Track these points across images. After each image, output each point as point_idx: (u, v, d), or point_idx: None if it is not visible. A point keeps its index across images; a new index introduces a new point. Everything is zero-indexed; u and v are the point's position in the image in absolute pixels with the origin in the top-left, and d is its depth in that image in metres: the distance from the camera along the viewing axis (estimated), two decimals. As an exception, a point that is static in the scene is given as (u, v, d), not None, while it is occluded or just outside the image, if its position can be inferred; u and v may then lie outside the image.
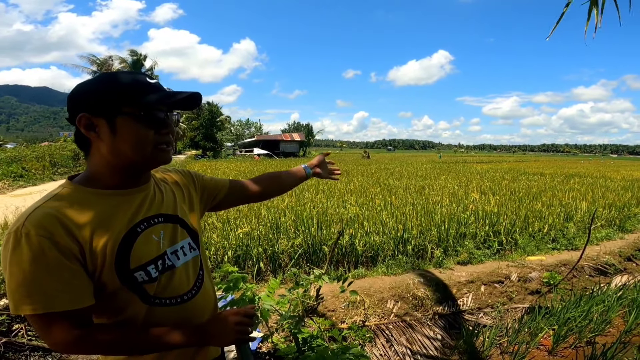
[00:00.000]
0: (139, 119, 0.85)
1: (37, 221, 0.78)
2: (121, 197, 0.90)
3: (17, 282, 0.77)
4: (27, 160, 15.75)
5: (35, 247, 0.77)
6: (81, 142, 0.89)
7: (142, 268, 0.89)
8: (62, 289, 0.79)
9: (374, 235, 4.98)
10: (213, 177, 1.24)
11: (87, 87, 0.86)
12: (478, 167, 21.89)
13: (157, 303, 0.93)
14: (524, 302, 4.06)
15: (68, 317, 0.81)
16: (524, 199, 8.04)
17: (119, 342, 0.87)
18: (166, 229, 0.97)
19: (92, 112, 0.84)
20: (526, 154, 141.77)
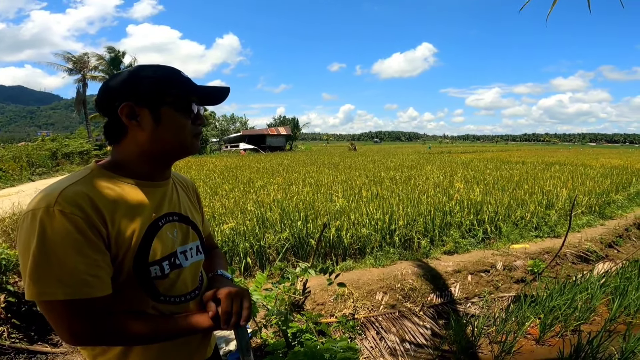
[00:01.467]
0: (179, 109, 0.90)
1: (71, 199, 0.76)
2: (146, 188, 0.92)
3: (48, 264, 0.73)
4: (3, 161, 15.23)
5: (72, 226, 0.74)
6: (113, 130, 0.89)
7: (158, 263, 0.90)
8: (93, 272, 0.77)
9: (360, 227, 4.98)
10: (204, 214, 1.23)
11: (126, 77, 0.88)
12: (462, 157, 22.19)
13: (162, 300, 0.92)
14: (510, 291, 4.12)
15: (93, 305, 0.78)
16: (507, 187, 8.18)
17: (140, 331, 0.84)
18: (180, 228, 0.99)
19: (135, 101, 0.85)
20: (508, 144, 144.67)
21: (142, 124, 0.87)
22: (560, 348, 2.98)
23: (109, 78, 0.91)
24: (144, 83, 0.87)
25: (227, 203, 6.52)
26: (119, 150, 0.90)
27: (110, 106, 0.87)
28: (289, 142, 49.88)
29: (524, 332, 3.27)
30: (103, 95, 0.89)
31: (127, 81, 0.87)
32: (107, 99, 0.88)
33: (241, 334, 0.99)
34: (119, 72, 0.93)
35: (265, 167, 15.37)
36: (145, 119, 0.87)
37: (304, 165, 16.57)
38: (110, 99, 0.87)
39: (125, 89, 0.87)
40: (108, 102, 0.88)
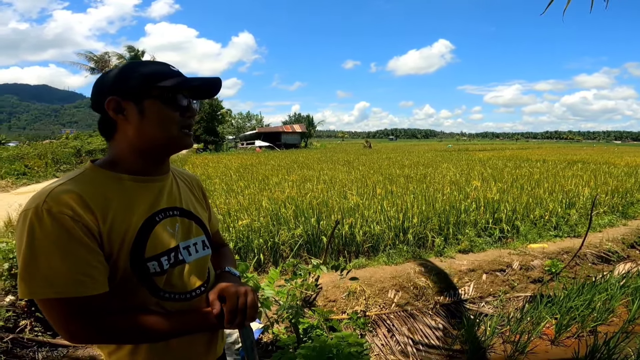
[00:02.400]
0: (165, 102, 0.88)
1: (59, 198, 0.76)
2: (142, 183, 0.91)
3: (37, 263, 0.73)
4: (29, 158, 15.81)
5: (58, 225, 0.74)
6: (106, 126, 0.90)
7: (156, 258, 0.88)
8: (85, 272, 0.76)
9: (374, 225, 4.96)
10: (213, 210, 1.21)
11: (115, 73, 0.88)
12: (480, 155, 21.76)
13: (166, 297, 0.91)
14: (526, 291, 4.04)
15: (89, 303, 0.77)
16: (526, 186, 7.98)
17: (141, 328, 0.83)
18: (182, 223, 0.97)
19: (121, 96, 0.85)
20: (529, 142, 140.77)
21: (129, 118, 0.86)
22: (576, 349, 2.93)
23: (100, 76, 0.92)
24: (131, 77, 0.87)
25: (242, 200, 6.60)
26: (113, 146, 0.90)
27: (100, 102, 0.88)
28: (303, 140, 50.03)
29: (539, 332, 3.21)
30: (93, 91, 0.90)
31: (115, 77, 0.88)
32: (96, 95, 0.89)
33: (246, 334, 0.97)
34: (110, 69, 0.93)
35: (280, 165, 15.47)
36: (131, 113, 0.86)
37: (319, 162, 16.59)
38: (100, 95, 0.88)
39: (113, 84, 0.87)
40: (97, 98, 0.88)
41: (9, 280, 3.00)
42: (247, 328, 0.97)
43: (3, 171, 12.95)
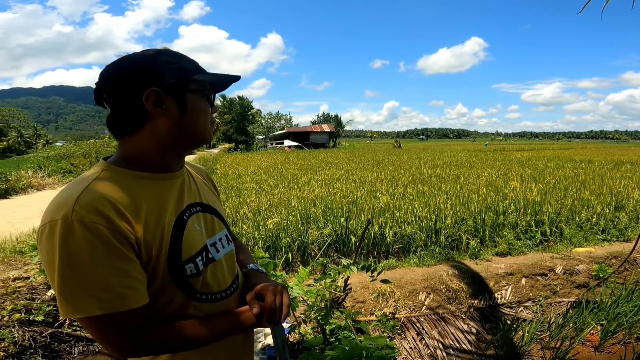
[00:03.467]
0: (203, 96, 0.85)
1: (89, 206, 0.69)
2: (164, 181, 0.85)
3: (77, 279, 0.67)
4: (74, 157, 16.81)
5: (93, 236, 0.67)
6: (128, 120, 0.80)
7: (192, 260, 0.83)
8: (126, 284, 0.71)
9: (405, 225, 4.83)
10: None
11: (151, 63, 0.79)
12: (518, 155, 20.77)
13: (203, 299, 0.87)
14: (570, 296, 3.78)
15: (132, 317, 0.72)
16: (570, 187, 7.50)
17: (185, 337, 0.79)
18: (205, 219, 0.92)
19: (162, 88, 0.78)
20: (572, 141, 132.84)
21: (167, 112, 0.79)
22: (622, 355, 2.78)
23: (117, 63, 0.80)
24: (169, 68, 0.80)
25: (272, 198, 6.64)
26: (134, 142, 0.81)
27: (129, 93, 0.78)
28: (332, 139, 50.06)
29: (582, 339, 3.06)
30: (118, 80, 0.79)
31: (150, 65, 0.79)
32: (124, 85, 0.78)
33: (278, 332, 0.95)
34: (126, 56, 0.82)
35: (309, 164, 15.51)
36: (171, 107, 0.80)
37: (348, 162, 16.49)
38: (130, 85, 0.77)
39: (150, 73, 0.78)
40: (126, 89, 0.78)
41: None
42: (279, 326, 0.95)
43: (50, 169, 13.85)
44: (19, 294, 2.94)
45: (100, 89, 0.81)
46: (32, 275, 3.25)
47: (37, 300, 2.93)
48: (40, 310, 2.80)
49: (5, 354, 2.32)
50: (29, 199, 9.33)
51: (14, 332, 2.47)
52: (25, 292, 2.98)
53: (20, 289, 3.01)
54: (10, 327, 2.50)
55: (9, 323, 2.55)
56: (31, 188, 10.71)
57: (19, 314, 2.65)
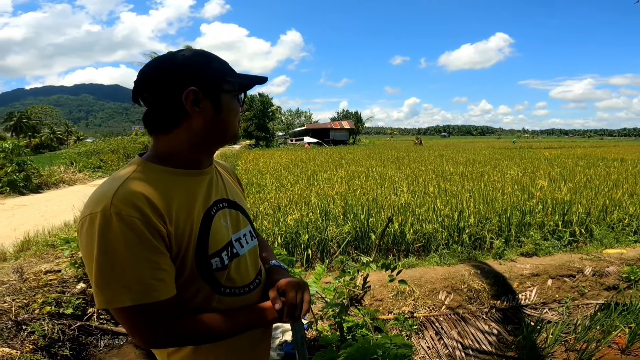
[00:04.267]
0: (235, 96, 0.89)
1: (127, 199, 0.72)
2: (194, 177, 0.88)
3: (112, 271, 0.70)
4: (103, 153, 17.47)
5: (129, 229, 0.71)
6: (164, 118, 0.82)
7: (218, 254, 0.86)
8: (157, 276, 0.74)
9: (426, 223, 4.75)
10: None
11: (190, 62, 0.82)
12: (546, 153, 20.01)
13: (227, 293, 0.89)
14: (598, 298, 3.63)
15: (160, 308, 0.75)
16: (602, 186, 7.16)
17: (209, 329, 0.82)
18: (231, 215, 0.95)
19: (201, 88, 0.81)
20: (604, 139, 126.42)
21: (204, 111, 0.83)
22: None
23: (157, 62, 0.83)
24: (206, 69, 0.83)
25: (292, 195, 6.68)
26: (169, 139, 0.84)
27: (168, 92, 0.80)
28: (352, 136, 49.80)
29: (608, 341, 2.97)
30: (159, 79, 0.81)
31: (188, 66, 0.82)
32: (165, 84, 0.81)
33: (298, 327, 0.96)
34: (165, 55, 0.85)
35: (328, 161, 15.50)
36: (207, 106, 0.83)
37: (368, 159, 16.37)
38: (171, 84, 0.80)
39: (189, 73, 0.81)
40: (166, 88, 0.80)
41: (81, 268, 3.22)
42: (299, 322, 0.96)
43: (81, 165, 14.44)
44: (50, 287, 3.04)
45: (140, 86, 0.83)
46: (63, 268, 3.36)
47: (67, 293, 3.02)
48: (70, 303, 2.88)
49: (35, 346, 2.38)
50: (60, 193, 9.75)
51: (44, 325, 2.55)
52: (56, 285, 3.08)
53: (52, 282, 3.12)
54: (41, 320, 2.58)
55: (39, 316, 2.63)
56: (63, 183, 11.20)
57: (49, 307, 2.74)
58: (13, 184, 9.28)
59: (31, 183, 9.87)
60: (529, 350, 2.89)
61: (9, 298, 2.73)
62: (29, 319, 2.53)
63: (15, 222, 6.21)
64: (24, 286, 2.97)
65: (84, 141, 35.99)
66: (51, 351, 2.46)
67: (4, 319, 2.46)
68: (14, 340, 2.34)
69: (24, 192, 9.44)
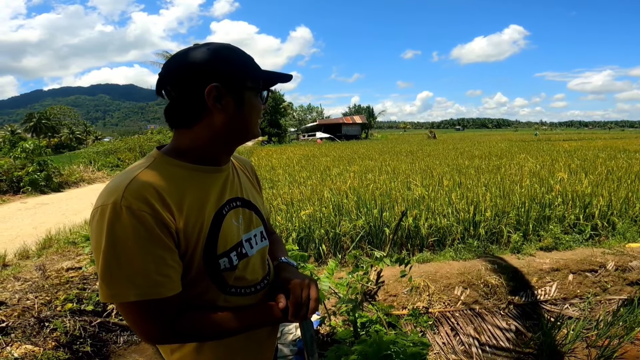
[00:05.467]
0: (258, 94, 0.87)
1: (138, 193, 0.71)
2: (210, 174, 0.87)
3: (119, 264, 0.70)
4: (121, 152, 17.84)
5: (138, 223, 0.70)
6: (185, 113, 0.82)
7: (227, 254, 0.85)
8: (163, 272, 0.73)
9: (440, 218, 4.67)
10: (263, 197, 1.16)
11: (215, 57, 0.81)
12: (566, 145, 19.44)
13: (233, 292, 0.88)
14: (621, 294, 3.52)
15: (165, 305, 0.74)
16: (624, 178, 6.91)
17: (213, 327, 0.81)
18: (244, 214, 0.94)
19: (223, 84, 0.80)
20: (625, 130, 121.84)
21: (226, 108, 0.81)
22: None
23: (182, 56, 0.82)
24: (230, 65, 0.82)
25: (305, 190, 6.68)
26: (189, 135, 0.83)
27: (191, 87, 0.79)
28: (364, 131, 49.49)
29: (631, 337, 2.87)
30: (182, 74, 0.80)
31: (212, 61, 0.80)
32: (188, 79, 0.79)
33: (306, 327, 0.94)
34: (190, 49, 0.83)
35: (341, 156, 15.43)
36: (229, 103, 0.81)
37: (381, 153, 16.23)
38: (194, 79, 0.79)
39: (213, 69, 0.80)
40: (189, 82, 0.79)
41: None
42: (307, 321, 0.94)
43: (100, 163, 14.78)
44: (72, 284, 3.11)
45: (164, 80, 0.82)
46: (84, 265, 3.43)
47: (88, 290, 3.07)
48: (91, 300, 2.94)
49: (57, 343, 2.42)
50: (80, 192, 10.01)
51: (66, 322, 2.60)
52: (77, 282, 3.15)
53: (73, 279, 3.19)
54: (63, 317, 2.63)
55: (61, 313, 2.68)
56: (83, 182, 11.49)
57: (71, 304, 2.79)
58: (34, 183, 9.51)
59: (52, 182, 10.10)
60: (548, 347, 2.82)
61: (31, 295, 2.80)
62: (51, 316, 2.58)
63: (37, 220, 6.38)
64: (46, 283, 3.04)
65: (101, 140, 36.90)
66: (73, 348, 2.49)
67: (27, 316, 2.52)
68: (36, 338, 2.38)
69: (45, 191, 9.68)
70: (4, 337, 2.31)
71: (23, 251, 4.24)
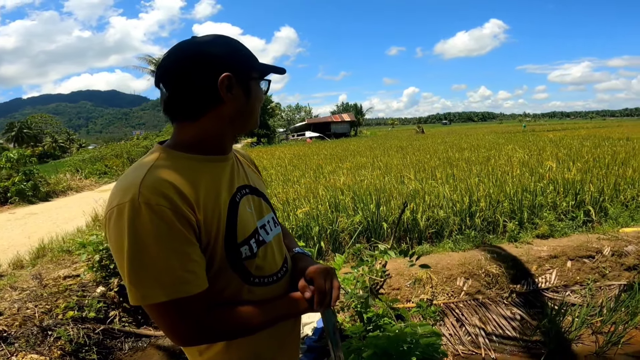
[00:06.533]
0: (261, 83, 0.89)
1: (155, 188, 0.69)
2: (219, 163, 0.86)
3: (144, 264, 0.67)
4: (108, 159, 17.54)
5: (159, 219, 0.67)
6: (196, 104, 0.79)
7: (247, 242, 0.83)
8: (189, 268, 0.71)
9: (437, 209, 4.72)
10: None
11: (228, 47, 0.82)
12: (550, 135, 19.84)
13: (256, 282, 0.86)
14: (620, 279, 3.59)
15: (193, 302, 0.72)
16: (612, 165, 7.09)
17: (243, 322, 0.79)
18: (254, 201, 0.92)
19: (235, 73, 0.80)
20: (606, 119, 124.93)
21: (235, 98, 0.81)
22: None
23: (189, 46, 0.80)
24: (239, 54, 0.83)
25: (299, 189, 6.66)
26: (195, 127, 0.81)
27: (205, 76, 0.77)
28: (353, 128, 49.62)
29: (636, 323, 2.92)
30: (196, 63, 0.78)
31: (223, 51, 0.80)
32: (202, 68, 0.77)
33: (328, 316, 0.93)
34: (196, 40, 0.82)
35: (332, 154, 15.44)
36: (238, 92, 0.81)
37: (371, 149, 16.31)
38: (208, 69, 0.78)
39: (225, 59, 0.79)
40: (203, 72, 0.77)
41: (99, 271, 3.20)
42: (329, 311, 0.93)
43: (87, 171, 14.49)
44: (71, 291, 3.05)
45: (168, 71, 0.79)
46: (82, 272, 3.36)
47: (88, 297, 3.02)
48: (92, 307, 2.88)
49: (63, 352, 2.38)
50: (69, 200, 9.81)
51: (69, 329, 2.55)
52: (76, 289, 3.09)
53: (71, 286, 3.12)
54: (65, 325, 2.59)
55: (63, 321, 2.63)
56: (71, 190, 11.26)
57: (72, 312, 2.74)
58: (22, 193, 9.33)
59: (40, 192, 9.93)
60: (554, 334, 2.85)
61: (31, 304, 2.73)
62: (54, 325, 2.53)
63: (28, 230, 6.24)
64: (45, 292, 2.97)
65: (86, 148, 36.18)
66: (79, 356, 2.45)
67: (29, 325, 2.47)
68: (41, 347, 2.34)
69: (33, 200, 9.50)
70: (8, 346, 2.26)
71: (17, 261, 4.16)
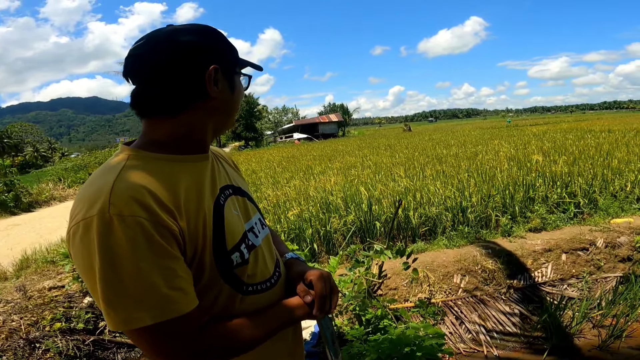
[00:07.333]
0: (242, 79, 0.84)
1: (127, 196, 0.59)
2: (198, 162, 0.77)
3: (122, 284, 0.58)
4: (91, 167, 17.14)
5: (134, 232, 0.58)
6: (179, 98, 0.71)
7: (237, 248, 0.75)
8: (173, 284, 0.62)
9: (428, 206, 4.70)
10: None
11: (210, 38, 0.75)
12: (534, 130, 20.22)
13: (250, 291, 0.77)
14: (615, 271, 3.61)
15: (183, 323, 0.63)
16: (597, 157, 7.22)
17: (240, 338, 0.71)
18: (238, 203, 0.84)
19: (222, 66, 0.74)
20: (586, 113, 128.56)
21: (221, 92, 0.74)
22: None
23: (170, 35, 0.71)
24: (225, 45, 0.77)
25: (289, 191, 6.58)
26: (173, 123, 0.72)
27: (190, 69, 0.70)
28: (341, 129, 49.78)
29: (637, 315, 2.92)
30: (184, 53, 0.70)
31: (209, 42, 0.74)
32: (190, 59, 0.70)
33: (326, 323, 0.87)
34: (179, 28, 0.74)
35: (321, 154, 15.41)
36: (225, 86, 0.75)
37: (360, 149, 16.34)
38: (195, 61, 0.71)
39: (211, 50, 0.73)
40: (189, 64, 0.70)
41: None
42: (327, 317, 0.87)
43: (70, 180, 14.10)
44: (56, 302, 2.94)
45: (144, 61, 0.70)
46: (67, 283, 3.27)
47: (75, 308, 2.92)
48: (80, 318, 2.79)
49: None
50: (53, 210, 9.53)
51: (57, 341, 2.45)
52: (62, 300, 2.98)
53: (57, 297, 3.02)
54: (53, 337, 2.49)
55: (51, 333, 2.53)
56: (54, 200, 10.94)
57: (59, 323, 2.63)
58: (3, 204, 9.10)
59: (22, 202, 9.69)
60: (555, 329, 2.83)
61: (16, 317, 2.62)
62: (41, 337, 2.44)
63: (11, 241, 6.05)
64: (29, 304, 2.86)
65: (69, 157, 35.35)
66: (71, 369, 2.36)
67: (15, 338, 2.37)
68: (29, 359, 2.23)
69: (15, 211, 9.25)
70: (-4, 360, 2.14)
71: (0, 273, 4.04)
